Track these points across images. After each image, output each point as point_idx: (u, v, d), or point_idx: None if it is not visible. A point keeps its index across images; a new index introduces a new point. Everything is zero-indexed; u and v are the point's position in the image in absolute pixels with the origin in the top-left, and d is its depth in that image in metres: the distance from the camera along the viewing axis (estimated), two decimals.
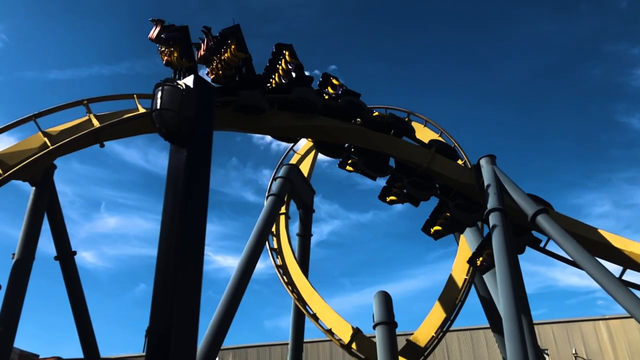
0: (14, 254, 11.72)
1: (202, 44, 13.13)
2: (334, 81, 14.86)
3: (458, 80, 74.86)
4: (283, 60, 13.88)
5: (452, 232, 14.74)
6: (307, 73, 14.10)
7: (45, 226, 12.55)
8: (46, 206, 12.46)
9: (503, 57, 72.60)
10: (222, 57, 13.00)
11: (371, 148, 14.00)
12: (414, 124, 19.52)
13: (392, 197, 15.00)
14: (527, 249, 13.95)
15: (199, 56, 13.17)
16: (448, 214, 14.42)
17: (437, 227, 14.88)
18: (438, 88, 75.02)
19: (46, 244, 13.25)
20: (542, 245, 14.04)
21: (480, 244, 14.02)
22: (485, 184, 13.05)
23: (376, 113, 15.19)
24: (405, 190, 14.37)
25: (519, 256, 13.14)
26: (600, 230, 13.29)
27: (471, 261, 14.73)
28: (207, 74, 13.29)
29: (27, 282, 11.56)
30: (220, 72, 13.07)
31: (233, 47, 12.81)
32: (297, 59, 13.85)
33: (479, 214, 13.75)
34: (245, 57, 13.07)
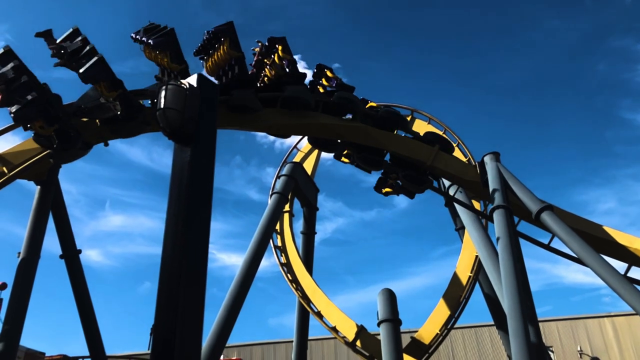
0: (19, 253, 11.78)
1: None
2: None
3: (462, 77, 74.77)
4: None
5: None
6: (306, 68, 13.96)
7: (51, 225, 12.61)
8: (51, 205, 12.51)
9: (507, 54, 72.48)
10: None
11: (375, 146, 13.99)
12: (417, 121, 19.57)
13: (388, 189, 14.99)
14: (531, 245, 13.92)
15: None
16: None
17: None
18: (442, 85, 74.96)
19: (51, 243, 13.31)
20: (546, 242, 14.01)
21: (382, 175, 14.53)
22: (490, 181, 13.02)
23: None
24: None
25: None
26: (605, 227, 13.24)
27: (377, 189, 15.08)
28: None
29: (32, 281, 11.61)
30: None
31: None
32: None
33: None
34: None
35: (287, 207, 19.56)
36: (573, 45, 70.82)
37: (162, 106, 10.01)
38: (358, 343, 16.62)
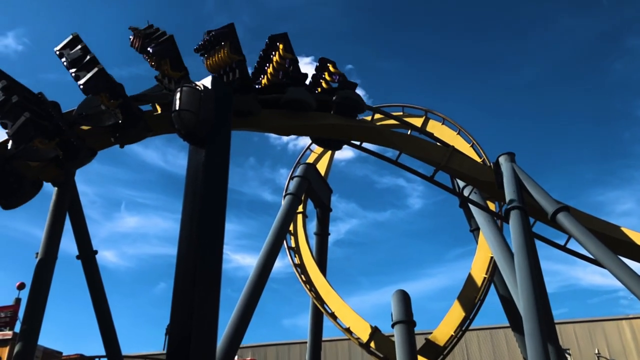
0: (37, 254, 11.93)
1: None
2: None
3: (476, 77, 74.26)
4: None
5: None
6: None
7: (68, 226, 12.75)
8: (68, 206, 12.65)
9: (522, 53, 71.85)
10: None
11: (388, 146, 13.96)
12: (431, 122, 19.46)
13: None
14: (547, 247, 13.78)
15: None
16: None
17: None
18: (456, 85, 74.51)
19: (68, 244, 13.46)
20: (562, 243, 13.87)
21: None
22: (505, 181, 12.93)
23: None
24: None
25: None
26: (622, 228, 13.08)
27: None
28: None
29: (50, 281, 11.74)
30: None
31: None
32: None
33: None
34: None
35: (300, 208, 19.58)
36: (589, 44, 70.02)
37: (177, 108, 10.10)
38: (372, 344, 16.58)
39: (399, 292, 14.83)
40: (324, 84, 14.00)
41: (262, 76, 13.39)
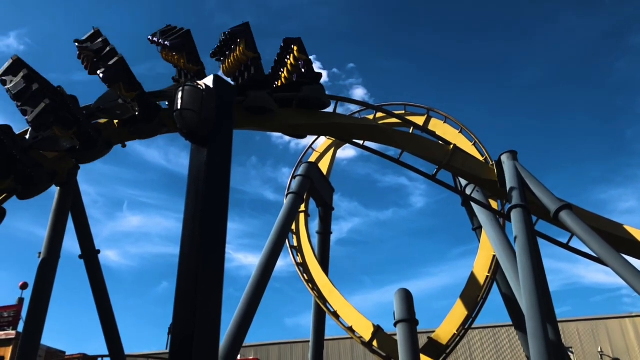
0: (40, 253, 11.96)
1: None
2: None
3: (478, 76, 74.17)
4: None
5: None
6: (321, 68, 13.80)
7: (70, 226, 12.79)
8: (70, 206, 12.68)
9: (525, 52, 71.79)
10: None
11: (390, 145, 13.95)
12: (433, 120, 19.43)
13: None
14: (550, 245, 13.76)
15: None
16: None
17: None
18: (458, 84, 74.43)
19: (71, 243, 13.50)
20: (565, 241, 13.84)
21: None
22: (507, 180, 12.90)
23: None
24: None
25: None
26: (625, 226, 13.04)
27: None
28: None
29: (53, 281, 11.77)
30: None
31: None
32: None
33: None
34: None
35: (302, 207, 19.56)
36: (592, 43, 69.87)
37: (179, 107, 10.11)
38: (375, 343, 16.57)
39: (401, 290, 14.82)
40: (285, 72, 13.37)
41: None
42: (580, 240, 11.77)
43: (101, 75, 10.85)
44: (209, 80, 10.79)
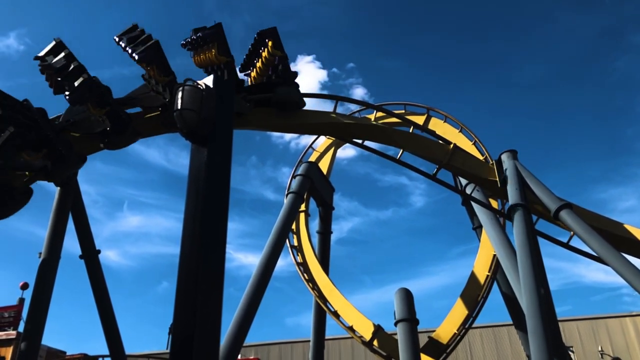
0: (40, 253, 11.97)
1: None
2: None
3: (478, 75, 74.14)
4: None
5: None
6: (320, 68, 13.60)
7: (70, 226, 12.79)
8: (71, 206, 12.68)
9: (525, 52, 71.77)
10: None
11: (390, 145, 13.94)
12: (433, 119, 19.43)
13: None
14: (550, 244, 13.75)
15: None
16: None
17: None
18: (458, 83, 74.41)
19: (71, 243, 13.50)
20: (565, 241, 13.84)
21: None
22: (507, 179, 12.89)
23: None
24: None
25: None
26: (626, 225, 13.03)
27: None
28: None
29: (53, 281, 11.78)
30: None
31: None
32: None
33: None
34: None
35: (303, 207, 19.55)
36: (591, 42, 69.85)
37: (178, 107, 10.11)
38: (375, 343, 16.56)
39: (401, 290, 14.82)
40: (259, 66, 12.84)
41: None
42: (580, 240, 11.76)
43: (67, 97, 10.99)
44: (208, 80, 10.79)
